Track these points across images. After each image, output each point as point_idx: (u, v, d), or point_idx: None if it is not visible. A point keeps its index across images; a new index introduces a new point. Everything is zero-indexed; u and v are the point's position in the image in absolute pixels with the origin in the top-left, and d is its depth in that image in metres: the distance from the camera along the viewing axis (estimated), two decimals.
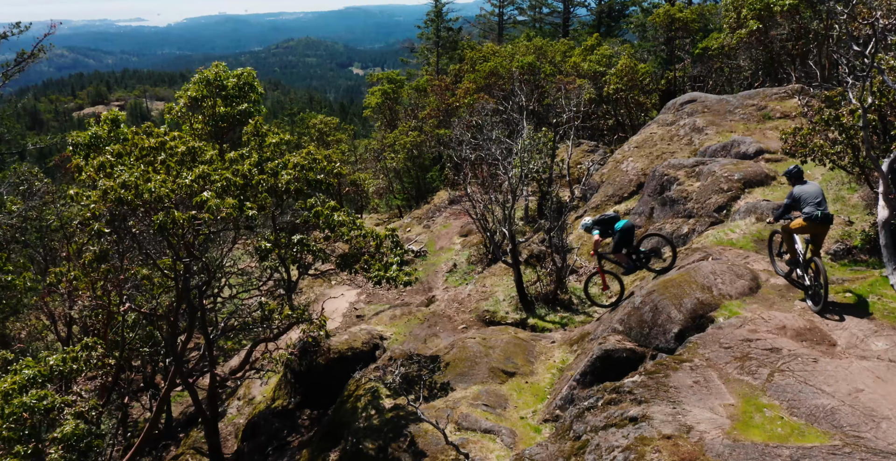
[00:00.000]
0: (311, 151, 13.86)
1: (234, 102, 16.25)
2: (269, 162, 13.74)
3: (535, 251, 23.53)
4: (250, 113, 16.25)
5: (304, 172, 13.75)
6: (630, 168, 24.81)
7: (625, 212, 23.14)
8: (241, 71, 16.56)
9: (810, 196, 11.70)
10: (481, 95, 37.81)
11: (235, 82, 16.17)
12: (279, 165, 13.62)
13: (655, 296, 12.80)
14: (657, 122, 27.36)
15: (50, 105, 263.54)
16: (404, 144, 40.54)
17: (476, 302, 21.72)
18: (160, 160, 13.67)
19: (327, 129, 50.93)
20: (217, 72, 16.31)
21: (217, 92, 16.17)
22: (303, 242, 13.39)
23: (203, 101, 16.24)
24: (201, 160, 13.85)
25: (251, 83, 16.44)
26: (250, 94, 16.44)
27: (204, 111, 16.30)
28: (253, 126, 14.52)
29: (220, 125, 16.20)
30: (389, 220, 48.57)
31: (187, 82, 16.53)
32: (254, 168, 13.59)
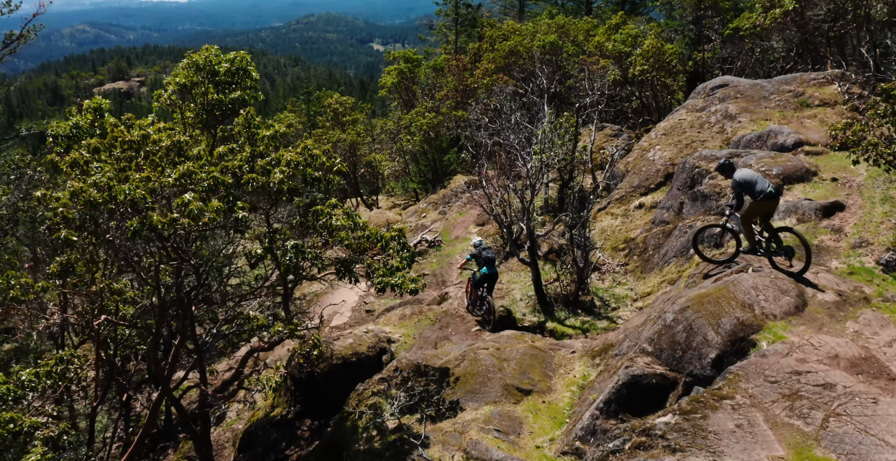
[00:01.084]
0: (307, 147, 12.50)
1: (227, 89, 14.89)
2: (262, 157, 12.43)
3: (556, 246, 22.18)
4: (244, 101, 14.88)
5: (301, 169, 12.44)
6: (657, 157, 23.32)
7: (651, 205, 21.72)
8: (234, 55, 15.09)
9: (753, 176, 12.35)
10: (500, 76, 36.28)
11: (228, 67, 14.77)
12: (272, 162, 12.31)
13: (690, 314, 11.42)
14: (686, 107, 25.79)
15: (71, 81, 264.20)
16: (421, 126, 39.13)
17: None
18: (143, 155, 12.41)
19: (343, 109, 49.57)
20: (207, 56, 14.87)
21: (210, 78, 14.80)
22: (298, 248, 12.10)
23: (194, 87, 14.89)
24: (188, 155, 12.56)
25: (245, 68, 15.01)
26: (245, 80, 15.05)
27: (196, 99, 14.97)
28: (244, 117, 13.13)
29: (214, 114, 14.86)
30: (405, 205, 47.38)
31: (179, 67, 15.21)
32: (245, 164, 12.29)
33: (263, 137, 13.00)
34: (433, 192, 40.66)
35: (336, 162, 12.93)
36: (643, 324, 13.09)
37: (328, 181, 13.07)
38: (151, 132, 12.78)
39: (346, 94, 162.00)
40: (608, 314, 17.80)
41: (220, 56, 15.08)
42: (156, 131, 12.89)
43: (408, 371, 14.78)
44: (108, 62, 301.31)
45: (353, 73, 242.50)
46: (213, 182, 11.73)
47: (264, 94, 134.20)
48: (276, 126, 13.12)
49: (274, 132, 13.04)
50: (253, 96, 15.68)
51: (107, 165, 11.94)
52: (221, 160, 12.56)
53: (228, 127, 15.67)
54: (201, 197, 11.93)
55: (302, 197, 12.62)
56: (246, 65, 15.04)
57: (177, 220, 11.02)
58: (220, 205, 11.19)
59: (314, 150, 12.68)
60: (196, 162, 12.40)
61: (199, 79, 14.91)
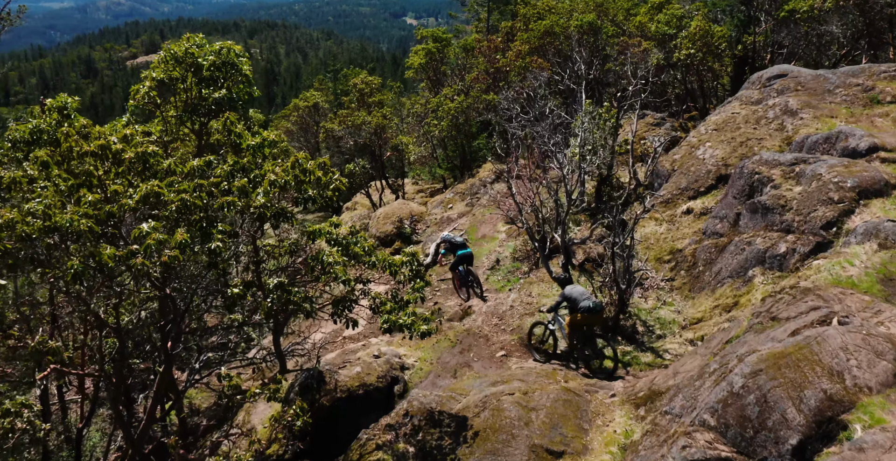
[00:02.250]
0: (298, 161, 10.35)
1: (214, 86, 12.79)
2: (246, 172, 10.35)
3: (593, 254, 19.93)
4: (232, 99, 12.77)
5: (292, 187, 10.35)
6: (708, 156, 20.89)
7: (701, 211, 19.35)
8: (220, 46, 12.94)
9: (581, 294, 14.54)
10: (534, 59, 33.84)
11: (214, 60, 12.65)
12: (255, 180, 10.21)
13: (764, 381, 9.18)
14: (740, 99, 23.24)
15: (104, 54, 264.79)
16: (448, 110, 36.81)
17: (519, 317, 18.27)
18: (103, 171, 10.38)
19: (369, 89, 47.30)
20: (188, 48, 12.75)
21: (194, 72, 12.71)
22: (283, 288, 10.00)
23: (175, 83, 12.82)
24: (156, 170, 10.51)
25: (233, 62, 12.85)
26: (234, 75, 12.94)
27: (179, 96, 12.91)
28: (223, 122, 11.00)
29: (200, 114, 12.79)
30: (431, 191, 45.21)
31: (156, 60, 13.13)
32: (224, 181, 10.21)
33: (249, 147, 10.88)
34: (461, 180, 38.44)
35: (334, 178, 10.79)
36: (700, 377, 10.86)
37: (328, 197, 10.96)
38: (115, 141, 10.74)
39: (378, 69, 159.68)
40: (652, 344, 15.57)
41: (205, 47, 12.93)
42: (120, 139, 10.84)
43: (420, 417, 12.73)
44: (142, 35, 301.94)
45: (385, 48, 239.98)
46: (182, 205, 9.69)
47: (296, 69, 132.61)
48: (264, 133, 10.97)
49: (261, 141, 10.90)
50: (247, 92, 13.55)
51: (53, 186, 9.92)
52: (196, 175, 10.48)
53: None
54: (170, 223, 9.90)
55: (290, 221, 10.50)
56: (234, 57, 12.87)
57: (129, 258, 9.00)
58: (185, 238, 9.12)
59: (307, 163, 10.54)
60: (167, 178, 10.36)
61: (179, 73, 12.80)
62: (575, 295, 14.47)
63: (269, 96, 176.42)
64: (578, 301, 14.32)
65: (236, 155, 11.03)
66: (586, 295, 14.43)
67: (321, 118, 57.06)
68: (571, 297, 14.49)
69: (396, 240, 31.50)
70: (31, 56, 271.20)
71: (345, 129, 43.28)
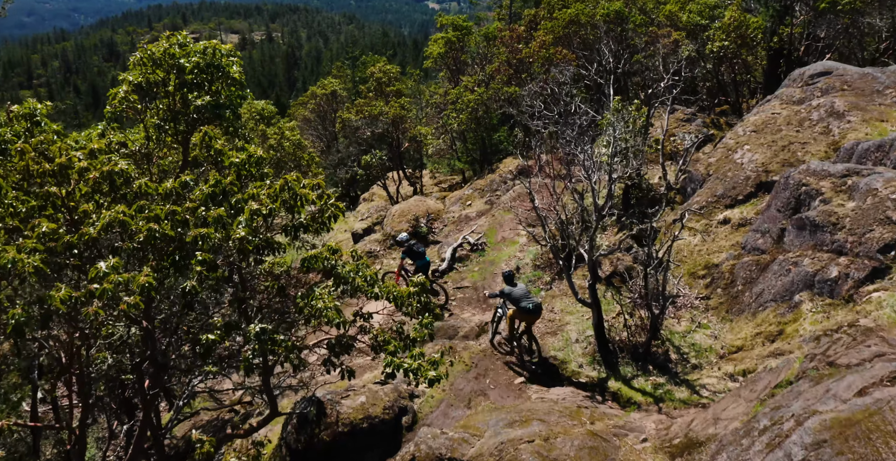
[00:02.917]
0: (288, 184, 8.95)
1: (199, 91, 11.34)
2: (227, 196, 8.98)
3: (620, 267, 18.46)
4: (218, 107, 11.30)
5: (279, 214, 8.99)
6: (746, 160, 19.30)
7: (739, 222, 17.82)
8: (205, 46, 11.41)
9: (523, 296, 15.32)
10: (558, 49, 32.21)
11: (198, 62, 11.15)
12: (238, 203, 8.83)
13: (829, 456, 7.74)
14: (780, 98, 21.56)
15: (127, 37, 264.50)
16: (468, 102, 35.25)
17: (540, 336, 16.88)
18: (66, 192, 9.07)
19: (387, 78, 45.80)
20: (167, 48, 11.28)
21: (176, 75, 11.26)
22: (266, 335, 8.60)
23: (154, 87, 11.38)
24: (123, 193, 9.18)
25: (218, 64, 11.36)
26: (221, 79, 11.47)
27: (159, 102, 11.49)
28: (200, 137, 9.58)
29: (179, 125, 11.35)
30: (450, 185, 43.74)
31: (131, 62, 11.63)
32: (202, 206, 8.85)
33: (231, 165, 9.48)
34: (480, 174, 36.93)
35: (329, 203, 9.38)
36: (747, 434, 9.40)
37: (323, 223, 9.57)
38: (80, 157, 9.41)
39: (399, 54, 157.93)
40: (687, 376, 14.10)
41: (188, 46, 11.44)
42: (87, 155, 9.51)
43: None
44: (164, 18, 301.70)
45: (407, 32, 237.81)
46: (150, 236, 8.36)
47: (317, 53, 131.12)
48: (251, 148, 9.56)
49: (246, 158, 9.49)
50: (239, 96, 12.08)
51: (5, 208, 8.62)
52: (171, 198, 9.12)
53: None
54: (137, 256, 8.59)
55: (277, 252, 9.13)
56: (220, 59, 11.38)
57: (86, 301, 7.71)
58: (149, 280, 7.79)
59: (298, 186, 9.14)
60: (137, 201, 9.02)
61: (158, 77, 11.35)
62: (517, 295, 15.40)
63: (290, 81, 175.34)
64: (520, 301, 15.27)
65: (220, 172, 9.66)
66: (528, 296, 15.41)
67: (339, 106, 55.64)
68: (513, 297, 15.43)
69: (412, 240, 30.16)
70: (55, 39, 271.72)
71: (362, 119, 41.90)
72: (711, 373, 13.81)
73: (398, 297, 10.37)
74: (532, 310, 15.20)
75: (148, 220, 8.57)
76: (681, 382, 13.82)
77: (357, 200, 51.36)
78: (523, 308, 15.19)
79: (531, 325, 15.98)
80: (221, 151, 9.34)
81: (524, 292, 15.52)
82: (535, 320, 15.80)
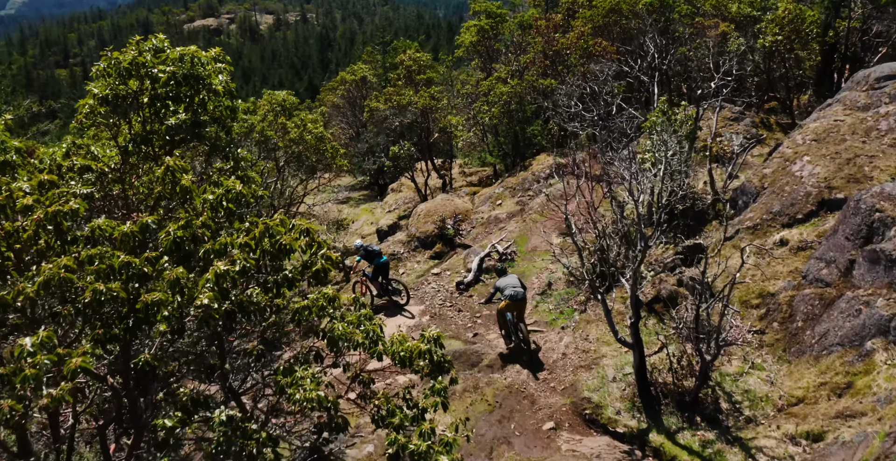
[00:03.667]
0: (270, 230, 7.31)
1: (172, 106, 9.63)
2: (196, 244, 7.38)
3: (664, 291, 16.66)
4: (198, 126, 9.61)
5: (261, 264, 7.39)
6: (806, 174, 17.35)
7: (799, 245, 15.91)
8: (181, 52, 9.63)
9: (508, 285, 16.29)
10: (598, 41, 30.22)
11: (173, 71, 9.40)
12: (207, 256, 7.22)
13: None
14: (842, 102, 19.51)
15: (162, 17, 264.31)
16: (500, 95, 33.36)
17: (573, 371, 15.19)
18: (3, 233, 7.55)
19: (417, 66, 44.03)
20: (135, 57, 9.51)
21: (150, 86, 9.56)
22: (232, 425, 6.91)
23: (126, 101, 9.70)
24: (73, 237, 7.63)
25: (197, 74, 9.57)
26: (200, 91, 9.73)
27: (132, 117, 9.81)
28: (163, 170, 7.90)
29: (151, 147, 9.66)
30: (480, 179, 41.93)
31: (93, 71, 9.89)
32: (166, 255, 7.27)
33: (206, 202, 7.85)
34: (512, 170, 35.07)
35: (320, 255, 7.73)
36: None
37: (319, 272, 7.95)
38: (26, 190, 7.89)
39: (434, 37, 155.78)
40: (741, 432, 12.30)
41: (165, 52, 9.70)
42: (35, 187, 7.98)
43: None
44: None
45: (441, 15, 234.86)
46: (95, 298, 6.82)
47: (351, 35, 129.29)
48: (229, 183, 7.91)
49: (223, 193, 7.84)
50: (227, 109, 10.38)
51: None
52: (130, 245, 7.53)
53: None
54: (79, 323, 7.06)
55: (253, 318, 7.51)
56: (199, 69, 9.64)
57: None
58: (83, 363, 6.24)
59: (283, 233, 7.50)
60: (89, 250, 7.45)
61: (128, 89, 9.68)
62: (504, 284, 16.38)
63: (324, 62, 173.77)
64: (504, 290, 16.24)
65: (192, 210, 8.04)
66: (513, 284, 16.32)
67: (369, 92, 53.99)
68: (500, 287, 16.41)
69: (438, 243, 28.48)
70: (91, 18, 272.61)
71: (390, 109, 40.24)
72: (769, 431, 12.01)
73: (405, 357, 8.74)
74: (514, 298, 16.04)
75: (98, 275, 7.02)
76: (733, 441, 12.05)
77: (385, 190, 49.85)
78: (508, 296, 16.06)
79: (521, 314, 16.62)
80: (188, 189, 7.69)
81: (512, 282, 16.44)
82: (522, 308, 16.55)
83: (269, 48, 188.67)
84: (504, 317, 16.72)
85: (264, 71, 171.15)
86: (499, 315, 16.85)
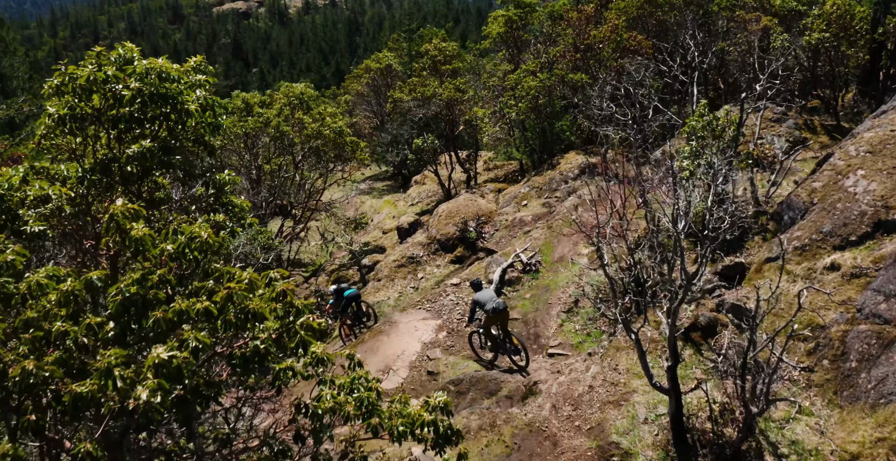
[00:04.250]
0: (233, 298, 6.05)
1: (134, 129, 8.28)
2: (149, 310, 6.14)
3: (702, 318, 15.24)
4: (168, 152, 8.22)
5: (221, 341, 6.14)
6: (860, 190, 15.81)
7: (852, 271, 14.38)
8: (148, 66, 8.11)
9: (489, 299, 16.27)
10: (632, 34, 28.66)
11: (140, 88, 7.97)
12: (156, 326, 5.96)
13: None
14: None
15: (191, 0, 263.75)
16: (528, 90, 31.85)
17: (601, 407, 13.85)
18: None
19: (442, 57, 42.57)
20: (91, 70, 8.05)
21: (114, 105, 8.18)
22: None
23: (87, 122, 8.34)
24: (8, 293, 6.42)
25: (167, 95, 8.10)
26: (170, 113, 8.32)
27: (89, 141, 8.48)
28: (107, 220, 6.54)
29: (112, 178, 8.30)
30: (506, 175, 40.43)
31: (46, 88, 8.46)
32: (111, 321, 6.04)
33: (162, 253, 6.57)
34: (539, 168, 33.57)
35: (299, 323, 6.45)
36: None
37: (298, 346, 6.66)
38: None
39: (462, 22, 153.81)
40: None
41: (132, 65, 8.29)
42: None
43: None
44: None
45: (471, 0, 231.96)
46: (22, 380, 5.62)
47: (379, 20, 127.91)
48: (194, 229, 6.62)
49: (185, 242, 6.56)
50: (207, 125, 9.03)
51: None
52: (71, 308, 6.30)
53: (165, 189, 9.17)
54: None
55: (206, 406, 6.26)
56: (168, 84, 8.20)
57: None
58: None
59: (248, 299, 6.22)
60: (24, 312, 6.26)
61: (89, 108, 8.35)
62: (484, 299, 16.35)
63: (352, 47, 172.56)
64: (485, 304, 16.23)
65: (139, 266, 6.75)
66: (492, 298, 16.32)
67: (393, 81, 52.73)
68: (480, 302, 16.40)
69: (459, 246, 27.19)
70: (122, 0, 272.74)
71: (413, 100, 38.92)
72: None
73: (406, 431, 7.47)
74: (497, 309, 16.10)
75: (31, 346, 5.82)
76: None
77: (409, 181, 48.67)
78: (491, 310, 16.07)
79: (505, 325, 16.75)
80: (141, 241, 6.40)
81: (490, 295, 16.40)
82: (506, 319, 16.66)
83: (297, 32, 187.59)
84: (490, 332, 16.71)
85: (292, 55, 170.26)
86: (484, 331, 16.77)
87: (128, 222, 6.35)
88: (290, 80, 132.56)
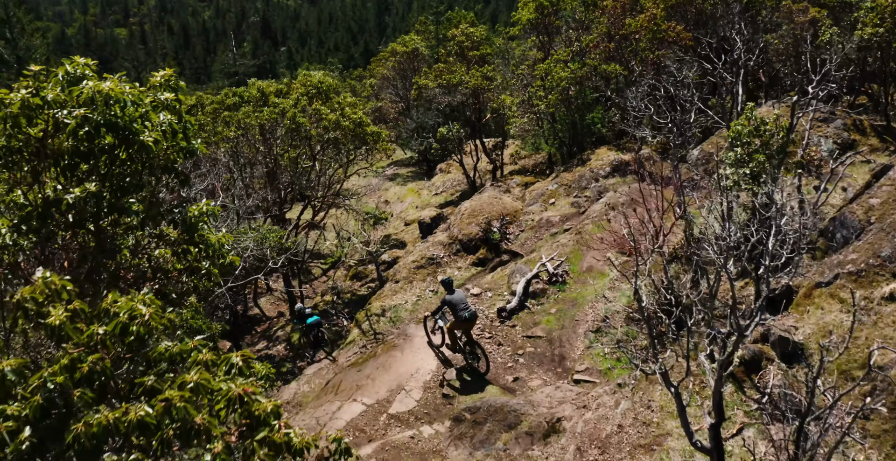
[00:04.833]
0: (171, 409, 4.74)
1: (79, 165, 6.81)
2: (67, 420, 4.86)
3: (746, 353, 13.80)
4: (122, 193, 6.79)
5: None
6: None
7: None
8: (93, 89, 6.37)
9: (462, 304, 15.95)
10: (671, 25, 26.98)
11: (86, 117, 6.35)
12: (78, 439, 4.70)
13: None
14: None
15: None
16: (559, 81, 30.23)
17: (630, 452, 12.50)
18: None
19: (469, 42, 41.03)
20: (25, 97, 6.26)
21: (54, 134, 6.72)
22: None
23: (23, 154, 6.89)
24: None
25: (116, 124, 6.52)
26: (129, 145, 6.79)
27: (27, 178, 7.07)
28: (15, 307, 5.17)
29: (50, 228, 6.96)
30: (534, 167, 38.86)
31: None
32: (22, 433, 4.78)
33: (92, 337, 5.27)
34: (568, 164, 32.00)
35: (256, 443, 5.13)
36: None
37: None
38: None
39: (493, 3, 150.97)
40: None
41: (79, 88, 6.74)
42: None
43: None
44: None
45: None
46: None
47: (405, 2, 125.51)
48: (130, 305, 5.30)
49: (125, 322, 5.25)
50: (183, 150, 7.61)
51: None
52: None
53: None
54: None
55: None
56: (118, 109, 6.64)
57: None
58: None
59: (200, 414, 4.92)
60: None
61: (28, 139, 6.90)
62: (456, 301, 15.96)
63: (381, 27, 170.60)
64: (457, 307, 15.88)
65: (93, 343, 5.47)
66: (465, 303, 16.03)
67: (420, 65, 51.32)
68: (453, 303, 15.94)
69: (482, 247, 25.81)
70: None
71: (439, 87, 37.50)
72: None
73: None
74: (468, 319, 15.83)
75: None
76: None
77: (434, 168, 47.41)
78: (460, 317, 15.78)
79: (470, 332, 16.47)
80: (60, 328, 5.07)
81: (462, 299, 16.08)
82: (471, 327, 16.41)
83: (326, 10, 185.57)
84: (454, 335, 16.58)
85: (321, 34, 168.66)
86: (449, 333, 16.60)
87: (37, 308, 5.06)
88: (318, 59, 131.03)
